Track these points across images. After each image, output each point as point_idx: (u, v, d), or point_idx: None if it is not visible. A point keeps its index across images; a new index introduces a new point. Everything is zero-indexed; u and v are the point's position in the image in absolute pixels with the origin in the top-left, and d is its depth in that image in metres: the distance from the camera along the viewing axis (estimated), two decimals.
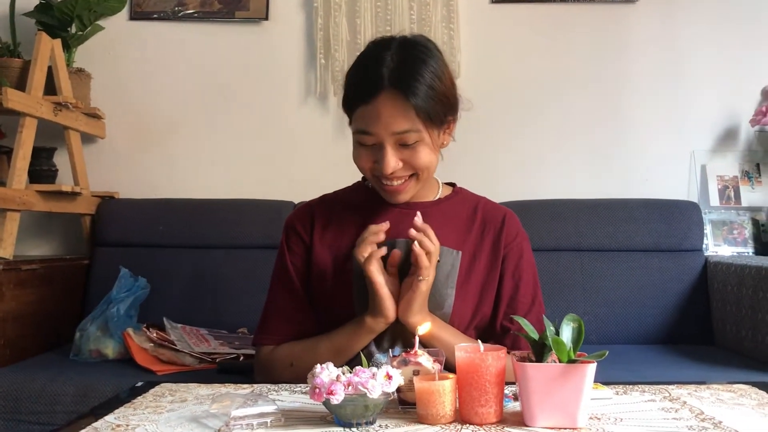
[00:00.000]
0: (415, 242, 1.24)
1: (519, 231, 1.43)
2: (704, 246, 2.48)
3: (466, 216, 1.42)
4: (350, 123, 1.34)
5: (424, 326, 1.13)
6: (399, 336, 1.34)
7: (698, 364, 1.96)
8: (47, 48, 2.32)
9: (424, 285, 1.25)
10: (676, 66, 2.67)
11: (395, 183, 1.31)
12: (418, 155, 1.28)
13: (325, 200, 1.48)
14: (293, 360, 1.35)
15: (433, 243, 1.25)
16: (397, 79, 1.24)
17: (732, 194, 2.60)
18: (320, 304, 1.40)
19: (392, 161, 1.27)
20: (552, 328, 0.97)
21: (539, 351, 0.98)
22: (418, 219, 1.27)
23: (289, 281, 1.41)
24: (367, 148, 1.29)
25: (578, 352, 0.96)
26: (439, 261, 1.28)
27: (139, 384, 1.22)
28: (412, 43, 1.30)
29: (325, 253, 1.39)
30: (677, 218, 2.39)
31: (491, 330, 1.39)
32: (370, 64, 1.28)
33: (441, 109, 1.29)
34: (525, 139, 2.68)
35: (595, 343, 2.15)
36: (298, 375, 1.28)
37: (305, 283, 1.41)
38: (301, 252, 1.42)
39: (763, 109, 2.52)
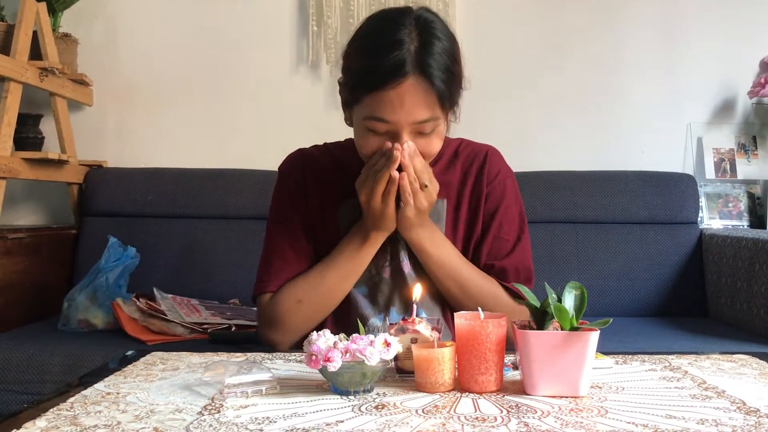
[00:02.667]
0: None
1: (502, 168, 1.39)
2: (699, 219, 2.47)
3: (448, 160, 1.38)
4: (350, 104, 1.25)
5: (417, 288, 1.10)
6: (396, 290, 1.33)
7: (693, 336, 1.96)
8: (32, 12, 2.26)
9: (409, 210, 1.23)
10: (673, 37, 2.63)
11: None
12: (432, 144, 1.23)
13: (317, 153, 1.41)
14: (300, 296, 1.29)
15: (416, 171, 1.20)
16: (423, 65, 1.15)
17: (728, 167, 2.59)
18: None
19: None
20: (554, 295, 0.94)
21: (540, 318, 0.96)
22: (409, 147, 1.19)
23: (288, 219, 1.35)
24: (378, 135, 1.21)
25: (580, 321, 0.94)
26: (426, 186, 1.22)
27: (130, 353, 1.19)
28: (428, 21, 1.20)
29: (315, 210, 1.36)
30: (673, 191, 2.38)
31: None
32: (388, 46, 1.16)
33: (456, 92, 1.23)
34: (521, 109, 2.64)
35: (590, 315, 2.12)
36: (308, 312, 1.28)
37: (305, 225, 1.35)
38: (298, 195, 1.37)
39: (762, 80, 2.49)
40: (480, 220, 1.35)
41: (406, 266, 1.33)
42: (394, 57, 1.15)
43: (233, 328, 1.95)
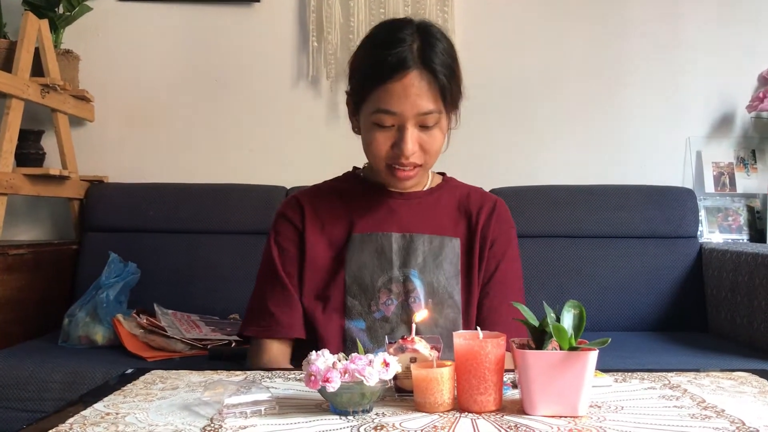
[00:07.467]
0: None
1: (508, 220, 1.41)
2: (699, 233, 2.47)
3: (459, 203, 1.40)
4: (358, 106, 1.28)
5: (421, 313, 1.10)
6: (398, 324, 1.32)
7: (693, 351, 1.96)
8: (34, 28, 2.28)
9: None
10: (672, 52, 2.65)
11: (407, 169, 1.27)
12: (434, 139, 1.26)
13: (314, 190, 1.44)
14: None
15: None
16: (426, 59, 1.22)
17: (727, 181, 2.59)
18: (313, 292, 1.36)
19: (414, 142, 1.24)
20: (552, 314, 0.95)
21: (539, 338, 0.96)
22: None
23: (276, 276, 1.35)
24: (384, 132, 1.25)
25: (579, 339, 0.94)
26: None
27: (129, 371, 1.19)
28: (428, 25, 1.28)
29: (318, 240, 1.36)
30: (672, 205, 2.38)
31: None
32: (393, 43, 1.22)
33: (457, 91, 1.28)
34: (520, 124, 2.65)
35: (589, 330, 2.12)
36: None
37: (297, 272, 1.35)
38: (293, 237, 1.37)
39: (760, 95, 2.50)
40: (485, 261, 1.36)
41: (418, 306, 1.31)
42: (397, 52, 1.21)
43: (233, 344, 1.95)
